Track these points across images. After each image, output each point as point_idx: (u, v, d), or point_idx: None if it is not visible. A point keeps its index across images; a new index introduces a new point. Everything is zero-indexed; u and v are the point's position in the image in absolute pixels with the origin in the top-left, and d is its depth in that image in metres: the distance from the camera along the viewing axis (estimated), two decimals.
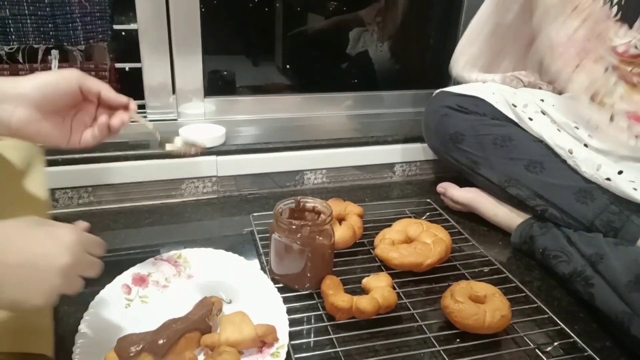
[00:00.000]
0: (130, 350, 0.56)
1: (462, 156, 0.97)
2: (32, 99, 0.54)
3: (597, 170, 0.79)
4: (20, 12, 0.93)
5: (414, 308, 0.72)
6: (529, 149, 0.89)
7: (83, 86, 0.57)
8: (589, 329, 0.72)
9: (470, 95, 0.97)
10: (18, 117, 0.53)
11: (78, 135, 0.59)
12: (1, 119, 0.53)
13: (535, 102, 0.91)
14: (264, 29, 1.39)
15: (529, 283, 0.81)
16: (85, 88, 0.57)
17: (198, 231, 0.93)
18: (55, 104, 0.56)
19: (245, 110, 1.18)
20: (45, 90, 0.54)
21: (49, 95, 0.55)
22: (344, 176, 1.15)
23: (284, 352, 0.60)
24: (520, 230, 0.89)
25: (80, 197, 0.97)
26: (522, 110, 0.91)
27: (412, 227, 0.85)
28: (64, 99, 0.56)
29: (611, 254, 0.72)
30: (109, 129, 0.61)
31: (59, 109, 0.57)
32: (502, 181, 0.91)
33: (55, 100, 0.55)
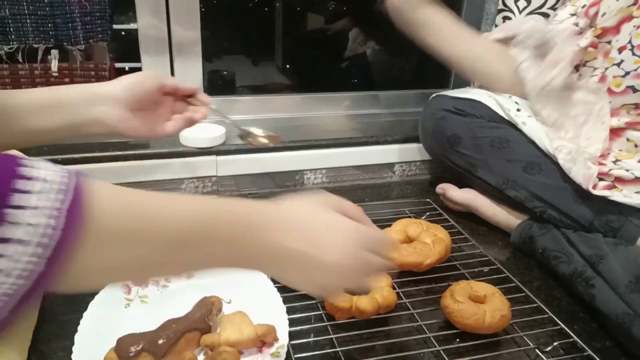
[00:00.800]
0: (130, 350, 0.56)
1: (459, 159, 0.97)
2: (123, 99, 0.61)
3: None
4: (20, 12, 0.93)
5: (414, 308, 0.72)
6: (526, 150, 0.89)
7: (162, 82, 0.65)
8: (588, 329, 0.72)
9: (467, 98, 0.97)
10: (113, 116, 0.61)
11: (161, 127, 0.67)
12: (99, 119, 0.61)
13: (529, 106, 0.92)
14: (264, 29, 1.39)
15: (528, 283, 0.81)
16: (164, 84, 0.65)
17: None
18: (142, 101, 0.63)
19: (245, 110, 1.18)
20: (133, 90, 0.62)
21: (136, 94, 0.62)
22: (343, 176, 1.15)
23: (284, 352, 0.60)
24: (520, 231, 0.89)
25: None
26: (516, 115, 0.91)
27: (411, 227, 0.85)
28: (149, 96, 0.64)
29: (611, 255, 0.72)
30: (191, 120, 0.69)
31: (145, 105, 0.64)
32: (500, 183, 0.91)
33: (142, 98, 0.63)
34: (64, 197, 0.32)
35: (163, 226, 0.39)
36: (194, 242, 0.41)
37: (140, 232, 0.38)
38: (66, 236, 0.32)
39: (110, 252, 0.36)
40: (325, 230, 0.46)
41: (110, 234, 0.36)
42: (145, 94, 0.63)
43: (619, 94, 0.77)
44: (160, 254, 0.40)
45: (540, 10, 1.05)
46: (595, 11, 0.85)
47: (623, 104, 0.78)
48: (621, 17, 0.79)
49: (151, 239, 0.39)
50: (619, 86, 0.77)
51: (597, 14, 0.84)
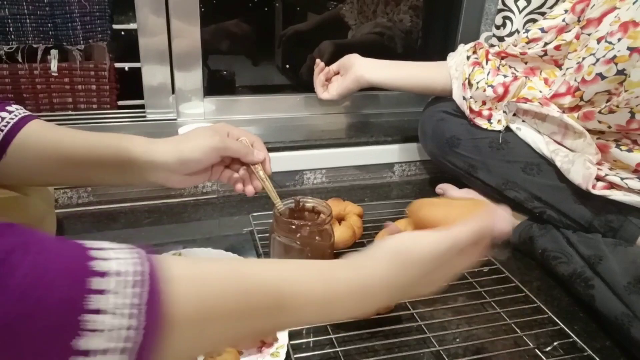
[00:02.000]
0: None
1: (459, 160, 0.97)
2: (181, 170, 0.63)
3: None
4: (19, 12, 0.93)
5: (414, 308, 0.72)
6: (525, 151, 0.89)
7: (224, 155, 0.67)
8: (588, 329, 0.72)
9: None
10: (173, 181, 0.64)
11: (217, 175, 0.69)
12: (160, 184, 0.65)
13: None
14: (264, 29, 1.39)
15: (528, 283, 0.81)
16: (231, 151, 0.67)
17: (198, 231, 0.93)
18: (198, 170, 0.66)
19: (244, 110, 1.18)
20: (188, 165, 0.64)
21: (192, 167, 0.64)
22: (343, 176, 1.15)
23: (283, 352, 0.60)
24: (520, 231, 0.89)
25: (80, 197, 0.97)
26: (511, 119, 0.91)
27: (411, 227, 0.85)
28: (204, 166, 0.66)
29: (610, 255, 0.72)
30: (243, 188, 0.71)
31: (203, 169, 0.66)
32: (500, 184, 0.91)
33: (198, 169, 0.65)
34: (140, 289, 0.29)
35: (250, 300, 0.37)
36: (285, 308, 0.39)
37: (223, 309, 0.35)
38: (148, 335, 0.29)
39: (197, 334, 0.34)
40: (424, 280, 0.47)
41: (193, 319, 0.33)
42: (201, 167, 0.65)
43: (589, 82, 0.77)
44: (250, 325, 0.38)
45: (540, 10, 1.05)
46: (582, 7, 0.86)
47: (595, 93, 0.77)
48: (606, 8, 0.79)
49: (237, 314, 0.36)
50: (590, 74, 0.77)
51: (584, 10, 0.85)
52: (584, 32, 0.83)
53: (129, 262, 0.30)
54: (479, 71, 0.95)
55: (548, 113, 0.84)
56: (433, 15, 1.40)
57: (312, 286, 0.41)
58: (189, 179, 0.66)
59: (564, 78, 0.84)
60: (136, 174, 0.63)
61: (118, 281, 0.29)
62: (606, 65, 0.74)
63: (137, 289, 0.29)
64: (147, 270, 0.31)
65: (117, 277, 0.29)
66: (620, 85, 0.73)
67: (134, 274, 0.30)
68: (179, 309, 0.31)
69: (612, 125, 0.77)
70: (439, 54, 1.14)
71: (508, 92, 0.92)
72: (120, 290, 0.29)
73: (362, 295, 0.43)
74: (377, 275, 0.44)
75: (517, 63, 0.96)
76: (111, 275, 0.29)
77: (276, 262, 0.44)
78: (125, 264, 0.30)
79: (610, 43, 0.73)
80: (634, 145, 0.77)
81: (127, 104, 1.10)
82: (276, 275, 0.39)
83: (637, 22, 0.71)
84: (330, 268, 0.44)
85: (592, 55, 0.76)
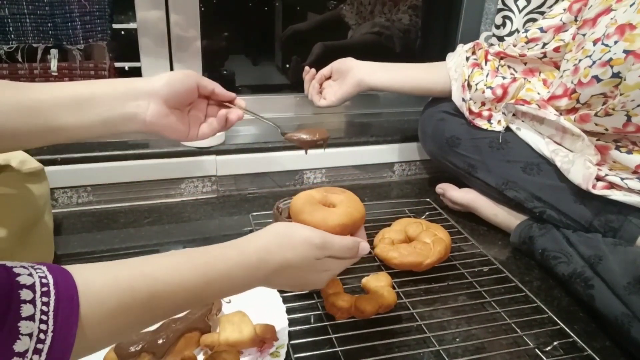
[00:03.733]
0: (129, 350, 0.56)
1: (459, 160, 0.97)
2: (163, 94, 0.60)
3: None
4: (19, 12, 0.93)
5: (414, 308, 0.72)
6: (525, 151, 0.89)
7: (200, 83, 0.64)
8: (588, 329, 0.72)
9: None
10: (151, 112, 0.59)
11: (195, 129, 0.66)
12: (135, 114, 0.59)
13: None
14: (263, 29, 1.39)
15: (528, 283, 0.81)
16: (202, 85, 0.65)
17: (197, 231, 0.93)
18: (180, 99, 0.62)
19: None
20: (174, 86, 0.61)
21: (176, 90, 0.61)
22: (343, 176, 1.15)
23: (283, 351, 0.60)
24: (519, 231, 0.89)
25: (80, 197, 0.97)
26: (510, 121, 0.91)
27: (411, 226, 0.85)
28: (187, 94, 0.63)
29: (610, 255, 0.72)
30: (226, 121, 0.68)
31: (181, 104, 0.63)
32: (500, 184, 0.91)
33: (181, 95, 0.62)
34: (47, 298, 0.34)
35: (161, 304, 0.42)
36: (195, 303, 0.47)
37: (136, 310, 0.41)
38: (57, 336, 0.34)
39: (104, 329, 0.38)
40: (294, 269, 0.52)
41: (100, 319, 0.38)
42: (184, 91, 0.62)
43: (585, 84, 0.77)
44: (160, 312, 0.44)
45: (540, 9, 1.05)
46: (579, 7, 0.86)
47: (591, 95, 0.77)
48: (601, 9, 0.79)
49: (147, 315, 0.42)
50: (586, 77, 0.77)
51: (581, 9, 0.85)
52: (579, 33, 0.83)
53: (35, 275, 0.35)
54: (478, 72, 0.95)
55: (545, 116, 0.84)
56: (433, 15, 1.40)
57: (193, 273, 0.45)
58: (169, 115, 0.61)
59: (561, 80, 0.84)
60: (108, 106, 0.57)
61: (35, 291, 0.34)
62: (602, 67, 0.74)
63: (45, 298, 0.34)
64: (52, 282, 0.35)
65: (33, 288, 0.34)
66: (615, 88, 0.73)
67: (42, 286, 0.34)
68: (85, 311, 0.36)
69: (609, 128, 0.77)
70: (438, 54, 1.14)
71: (507, 94, 0.92)
72: (37, 299, 0.33)
73: (240, 270, 0.48)
74: (254, 249, 0.49)
75: (516, 64, 0.96)
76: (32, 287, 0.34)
77: (165, 257, 0.46)
78: (36, 276, 0.35)
79: (607, 45, 0.73)
80: (634, 147, 0.77)
81: None
82: (164, 270, 0.44)
83: (634, 25, 0.70)
84: (216, 252, 0.48)
85: (589, 57, 0.76)
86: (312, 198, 0.59)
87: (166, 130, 0.62)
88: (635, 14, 0.70)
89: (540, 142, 0.87)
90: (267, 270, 0.49)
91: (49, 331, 0.33)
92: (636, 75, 0.69)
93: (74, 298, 0.35)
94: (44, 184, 0.75)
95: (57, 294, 0.34)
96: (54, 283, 0.35)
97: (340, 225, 0.55)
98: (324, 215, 0.55)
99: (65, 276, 0.36)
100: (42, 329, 0.33)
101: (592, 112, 0.77)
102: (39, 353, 0.32)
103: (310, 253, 0.51)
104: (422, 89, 1.02)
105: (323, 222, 0.54)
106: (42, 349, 0.33)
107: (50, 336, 0.33)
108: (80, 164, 0.95)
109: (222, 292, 0.48)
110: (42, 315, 0.33)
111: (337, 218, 0.55)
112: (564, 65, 0.85)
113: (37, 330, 0.32)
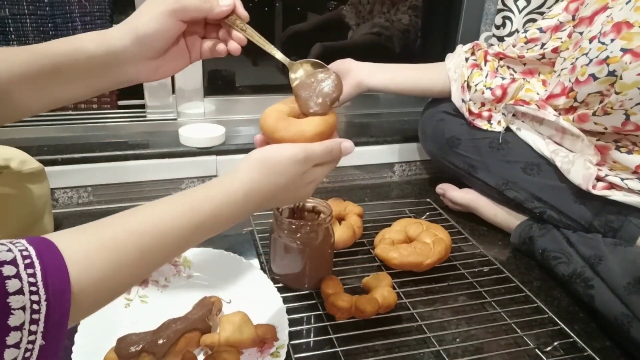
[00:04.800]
0: (130, 350, 0.56)
1: (459, 160, 0.97)
2: (145, 52, 0.54)
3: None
4: (19, 12, 0.93)
5: (414, 308, 0.72)
6: (525, 151, 0.89)
7: (185, 18, 0.54)
8: (588, 329, 0.72)
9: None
10: (145, 73, 0.55)
11: (197, 53, 0.59)
12: (131, 79, 0.55)
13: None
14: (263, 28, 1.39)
15: (528, 283, 0.81)
16: (188, 17, 0.54)
17: None
18: (162, 45, 0.54)
19: (245, 110, 1.18)
20: (149, 42, 0.53)
21: (155, 44, 0.54)
22: (343, 176, 1.15)
23: (283, 352, 0.60)
24: (520, 231, 0.89)
25: (80, 197, 0.97)
26: (510, 122, 0.91)
27: (411, 226, 0.85)
28: (171, 40, 0.55)
29: (610, 256, 0.72)
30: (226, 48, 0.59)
31: (169, 46, 0.55)
32: (500, 184, 0.91)
33: (163, 44, 0.54)
34: (32, 270, 0.34)
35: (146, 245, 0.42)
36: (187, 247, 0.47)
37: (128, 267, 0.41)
38: (51, 304, 0.34)
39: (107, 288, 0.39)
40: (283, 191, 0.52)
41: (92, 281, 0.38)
42: (163, 41, 0.54)
43: (583, 83, 0.77)
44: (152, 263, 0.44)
45: (540, 10, 1.05)
46: (576, 6, 0.86)
47: (588, 94, 0.77)
48: (597, 7, 0.79)
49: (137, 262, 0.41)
50: (583, 75, 0.77)
51: (578, 9, 0.85)
52: (575, 31, 0.82)
53: (15, 250, 0.34)
54: (477, 73, 0.95)
55: (544, 117, 0.84)
56: (433, 15, 1.40)
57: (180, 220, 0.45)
58: (164, 66, 0.56)
59: (559, 79, 0.84)
60: (101, 75, 0.54)
61: (17, 265, 0.33)
62: (599, 66, 0.74)
63: (30, 269, 0.33)
64: (34, 253, 0.34)
65: (15, 263, 0.33)
66: (611, 87, 0.73)
67: (24, 258, 0.34)
68: (76, 275, 0.36)
69: (608, 127, 0.77)
70: (438, 54, 1.14)
71: (506, 94, 0.92)
72: (21, 273, 0.33)
73: (227, 208, 0.48)
74: (239, 184, 0.48)
75: (515, 64, 0.96)
76: (13, 261, 0.33)
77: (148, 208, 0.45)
78: (16, 250, 0.34)
79: (603, 44, 0.73)
80: (634, 147, 0.77)
81: (127, 104, 1.10)
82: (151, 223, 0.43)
83: (631, 23, 0.70)
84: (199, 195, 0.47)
85: (585, 55, 0.76)
86: (281, 113, 0.57)
87: (167, 73, 0.57)
88: (632, 12, 0.70)
89: (540, 143, 0.87)
90: (255, 202, 0.50)
91: (42, 300, 0.33)
92: (634, 74, 0.69)
93: (61, 264, 0.36)
94: (44, 184, 0.75)
95: (42, 263, 0.34)
96: (36, 254, 0.34)
97: (318, 133, 0.53)
98: (299, 128, 0.53)
99: (47, 245, 0.36)
100: (35, 300, 0.33)
101: (590, 111, 0.77)
102: (36, 323, 0.33)
103: (297, 170, 0.51)
104: (422, 89, 1.02)
105: (301, 134, 0.53)
106: (39, 319, 0.33)
107: (44, 305, 0.33)
108: (81, 164, 0.95)
109: (212, 231, 0.48)
110: (31, 287, 0.33)
111: (314, 127, 0.53)
112: (561, 63, 0.85)
113: (29, 302, 0.32)
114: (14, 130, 1.00)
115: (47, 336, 0.34)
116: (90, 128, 1.05)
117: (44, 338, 0.33)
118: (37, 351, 0.33)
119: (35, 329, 0.33)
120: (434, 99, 1.05)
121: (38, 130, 1.02)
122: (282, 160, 0.50)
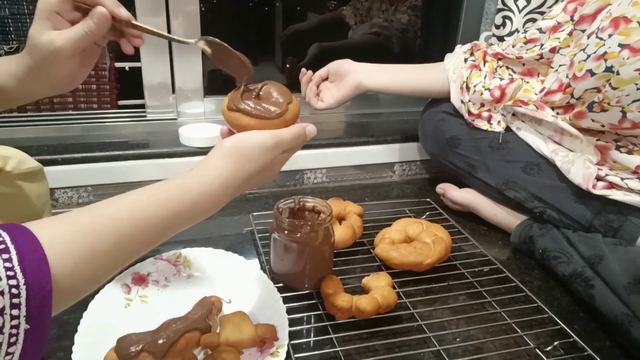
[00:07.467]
0: (130, 350, 0.56)
1: (459, 160, 0.97)
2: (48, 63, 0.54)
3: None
4: (19, 12, 0.93)
5: (414, 308, 0.72)
6: (525, 151, 0.89)
7: (75, 54, 0.55)
8: (588, 329, 0.72)
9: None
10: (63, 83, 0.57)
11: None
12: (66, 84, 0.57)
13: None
14: (264, 29, 1.39)
15: (528, 283, 0.81)
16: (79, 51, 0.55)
17: (198, 231, 0.92)
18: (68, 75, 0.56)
19: None
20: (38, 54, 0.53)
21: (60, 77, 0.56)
22: (343, 176, 1.15)
23: (283, 351, 0.60)
24: (520, 231, 0.89)
25: (80, 197, 0.97)
26: (510, 121, 0.91)
27: (412, 226, 0.85)
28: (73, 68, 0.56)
29: (610, 255, 0.72)
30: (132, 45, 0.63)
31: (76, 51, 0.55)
32: (500, 184, 0.91)
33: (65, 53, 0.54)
34: (7, 255, 0.34)
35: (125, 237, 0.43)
36: (168, 235, 0.47)
37: (107, 252, 0.41)
38: (31, 289, 0.34)
39: (87, 273, 0.39)
40: (254, 177, 0.54)
41: (76, 264, 0.38)
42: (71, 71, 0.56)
43: (580, 78, 0.76)
44: (129, 251, 0.44)
45: (540, 9, 1.05)
46: (574, 7, 0.86)
47: (585, 90, 0.77)
48: (600, 5, 0.78)
49: (115, 250, 0.42)
50: (580, 70, 0.76)
51: (577, 9, 0.85)
52: (577, 29, 0.82)
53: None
54: (476, 74, 0.95)
55: (542, 117, 0.84)
56: (432, 15, 1.40)
57: (157, 208, 0.46)
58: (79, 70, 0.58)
59: (556, 75, 0.84)
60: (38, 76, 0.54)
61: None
62: (596, 61, 0.73)
63: (5, 254, 0.34)
64: (8, 239, 0.34)
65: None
66: (607, 83, 0.73)
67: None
68: (54, 260, 0.36)
69: (605, 124, 0.76)
70: (438, 54, 1.14)
71: (505, 95, 0.92)
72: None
73: (204, 198, 0.49)
74: (215, 174, 0.50)
75: (514, 64, 0.96)
76: None
77: (125, 197, 0.47)
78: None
79: (601, 39, 0.73)
80: (634, 147, 0.77)
81: (128, 104, 1.10)
82: (128, 210, 0.45)
83: (629, 18, 0.70)
84: (176, 185, 0.48)
85: (583, 51, 0.76)
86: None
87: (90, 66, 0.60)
88: (630, 7, 0.70)
89: (540, 142, 0.87)
90: (231, 190, 0.51)
91: (21, 284, 0.33)
92: (631, 70, 0.69)
93: (38, 248, 0.35)
94: (43, 183, 0.75)
95: (18, 247, 0.34)
96: (10, 239, 0.34)
97: (284, 120, 0.56)
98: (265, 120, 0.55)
99: (22, 231, 0.36)
100: (13, 284, 0.33)
101: (586, 108, 0.77)
102: (17, 307, 0.33)
103: (268, 156, 0.53)
104: (421, 90, 1.02)
105: (267, 121, 0.55)
106: (20, 303, 0.33)
107: (24, 289, 0.33)
108: (81, 164, 0.95)
109: (189, 221, 0.48)
110: (7, 272, 0.33)
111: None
112: (559, 59, 0.85)
113: (7, 287, 0.32)
114: (13, 130, 1.00)
115: (31, 320, 0.34)
116: (90, 128, 1.05)
117: (28, 322, 0.34)
118: (23, 335, 0.33)
119: (17, 313, 0.33)
120: (434, 99, 1.05)
121: (38, 130, 1.02)
122: (254, 147, 0.52)
